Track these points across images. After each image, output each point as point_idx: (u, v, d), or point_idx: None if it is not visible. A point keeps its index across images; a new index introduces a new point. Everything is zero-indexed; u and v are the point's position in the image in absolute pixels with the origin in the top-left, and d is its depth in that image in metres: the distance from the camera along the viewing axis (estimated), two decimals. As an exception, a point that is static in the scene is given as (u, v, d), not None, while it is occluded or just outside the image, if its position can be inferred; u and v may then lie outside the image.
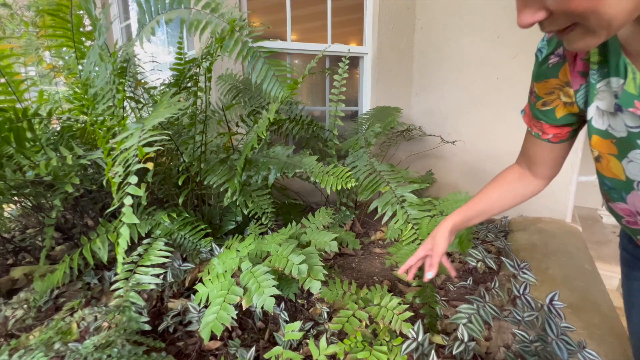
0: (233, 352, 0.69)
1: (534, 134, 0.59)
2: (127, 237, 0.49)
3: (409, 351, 0.66)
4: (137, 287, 0.79)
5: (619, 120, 0.45)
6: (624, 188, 0.50)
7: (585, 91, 0.48)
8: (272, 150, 1.09)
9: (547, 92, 0.53)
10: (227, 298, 0.57)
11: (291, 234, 0.76)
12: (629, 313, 0.70)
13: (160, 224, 1.01)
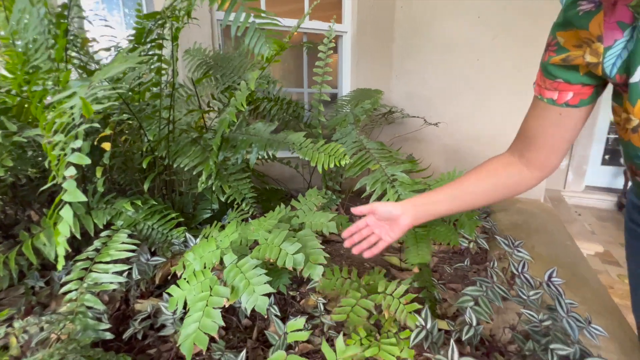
0: (217, 357, 0.59)
1: (546, 100, 0.51)
2: (70, 222, 0.37)
3: (419, 341, 0.59)
4: (94, 287, 0.65)
5: None
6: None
7: (624, 47, 0.41)
8: (252, 127, 0.97)
9: (575, 44, 0.46)
10: (209, 301, 0.46)
11: (280, 218, 0.65)
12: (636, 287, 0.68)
13: (122, 214, 0.86)
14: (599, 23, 0.42)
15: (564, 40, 0.46)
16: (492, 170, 0.57)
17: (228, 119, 0.84)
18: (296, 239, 0.52)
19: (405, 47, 2.14)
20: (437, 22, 1.98)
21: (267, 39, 0.62)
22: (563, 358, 0.59)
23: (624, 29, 0.40)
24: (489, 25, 1.83)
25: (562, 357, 0.59)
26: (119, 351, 0.62)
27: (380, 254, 1.21)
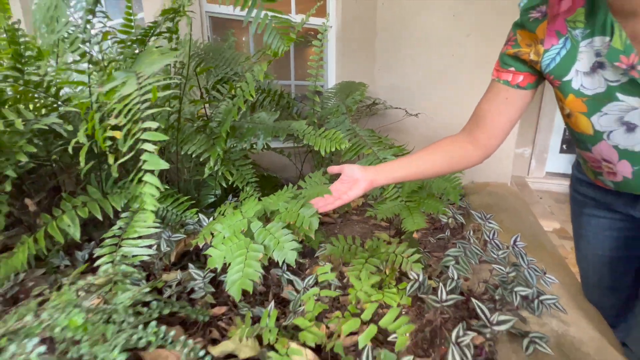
0: (244, 312, 0.69)
1: (502, 82, 0.63)
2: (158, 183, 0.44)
3: (414, 291, 0.72)
4: (126, 260, 0.72)
5: (597, 78, 0.52)
6: (589, 140, 0.60)
7: (559, 51, 0.55)
8: (256, 116, 1.05)
9: (527, 42, 0.59)
10: (248, 255, 0.55)
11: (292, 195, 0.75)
12: (578, 243, 0.85)
13: (138, 197, 0.92)
14: (543, 29, 0.55)
15: (520, 38, 0.59)
16: (443, 145, 0.69)
17: (237, 107, 0.91)
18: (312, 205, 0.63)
19: (387, 42, 2.26)
20: (416, 19, 2.12)
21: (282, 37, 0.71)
22: (524, 298, 0.74)
23: (560, 38, 0.54)
24: (463, 24, 1.99)
25: (523, 297, 0.74)
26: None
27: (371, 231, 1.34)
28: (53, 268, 0.85)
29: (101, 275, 0.68)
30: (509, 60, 0.61)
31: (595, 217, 0.76)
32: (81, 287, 0.59)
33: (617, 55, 0.48)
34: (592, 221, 0.77)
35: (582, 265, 0.86)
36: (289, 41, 0.72)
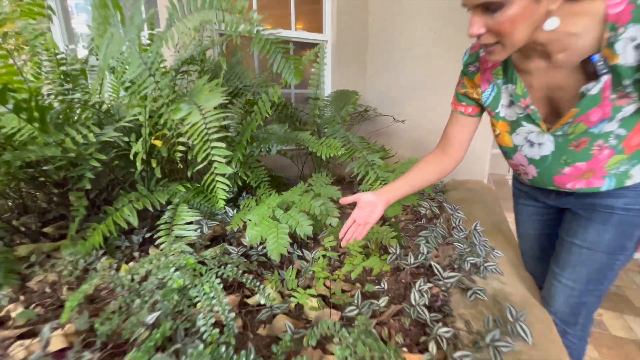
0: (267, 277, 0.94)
1: (458, 112, 0.90)
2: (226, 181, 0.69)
3: (392, 261, 0.98)
4: (179, 240, 0.97)
5: (512, 110, 0.79)
6: (511, 151, 0.86)
7: (490, 93, 0.81)
8: (269, 127, 1.30)
9: (471, 86, 0.85)
10: (278, 232, 0.80)
11: (304, 189, 1.00)
12: (517, 226, 1.13)
13: (177, 194, 1.16)
14: (479, 78, 0.82)
15: (466, 82, 0.86)
16: (426, 162, 0.94)
17: (256, 121, 1.16)
18: (321, 198, 0.88)
19: (377, 54, 2.52)
20: (402, 35, 2.38)
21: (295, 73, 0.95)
22: (473, 265, 1.01)
23: (489, 84, 0.80)
24: (443, 40, 2.25)
25: (473, 264, 1.01)
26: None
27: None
28: (115, 248, 1.09)
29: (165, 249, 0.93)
30: (461, 97, 0.88)
31: (526, 206, 1.03)
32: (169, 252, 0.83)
33: (519, 98, 0.75)
34: (524, 209, 1.04)
35: (520, 242, 1.13)
36: (298, 76, 0.97)
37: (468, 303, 0.90)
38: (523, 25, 0.58)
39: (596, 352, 1.34)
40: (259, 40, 0.87)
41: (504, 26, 0.58)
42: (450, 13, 2.19)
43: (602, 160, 0.73)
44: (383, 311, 0.83)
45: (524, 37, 0.60)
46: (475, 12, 0.59)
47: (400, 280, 0.99)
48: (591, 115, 0.67)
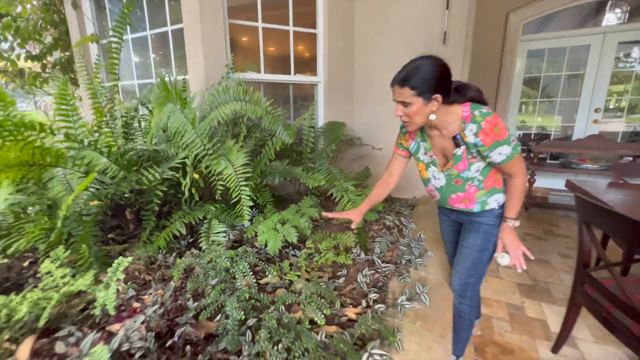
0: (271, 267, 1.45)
1: (397, 154, 1.42)
2: (248, 207, 1.21)
3: (354, 256, 1.49)
4: (215, 242, 1.49)
5: (426, 156, 1.31)
6: (426, 182, 1.38)
7: (414, 145, 1.34)
8: (273, 164, 1.83)
9: (404, 139, 1.37)
10: (277, 237, 1.32)
11: (296, 211, 1.51)
12: (442, 235, 1.63)
13: (209, 211, 1.69)
14: (408, 136, 1.35)
15: (402, 137, 1.38)
16: (379, 187, 1.47)
17: (264, 161, 1.69)
18: (305, 216, 1.40)
19: (362, 91, 3.06)
20: (381, 75, 2.92)
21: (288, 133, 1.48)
22: (408, 261, 1.52)
23: (413, 140, 1.33)
24: (413, 83, 2.78)
25: (408, 260, 1.52)
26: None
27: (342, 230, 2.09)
28: (170, 248, 1.61)
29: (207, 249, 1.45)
30: (399, 145, 1.40)
31: (443, 220, 1.54)
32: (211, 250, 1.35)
33: (427, 151, 1.27)
34: (443, 222, 1.54)
35: (444, 244, 1.64)
36: (292, 137, 1.49)
37: (399, 284, 1.40)
38: (419, 115, 1.11)
39: (510, 326, 1.83)
40: (269, 118, 1.41)
41: (410, 114, 1.11)
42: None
43: (472, 193, 1.24)
44: (343, 287, 1.34)
45: (421, 121, 1.13)
46: (398, 104, 1.12)
47: (357, 269, 1.50)
48: (459, 165, 1.19)
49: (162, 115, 1.52)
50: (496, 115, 1.09)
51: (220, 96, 1.43)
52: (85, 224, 1.32)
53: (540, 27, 4.03)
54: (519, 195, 1.19)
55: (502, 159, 1.12)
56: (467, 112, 1.11)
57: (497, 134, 1.08)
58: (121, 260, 1.04)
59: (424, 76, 1.06)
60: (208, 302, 1.03)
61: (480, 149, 1.12)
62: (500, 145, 1.09)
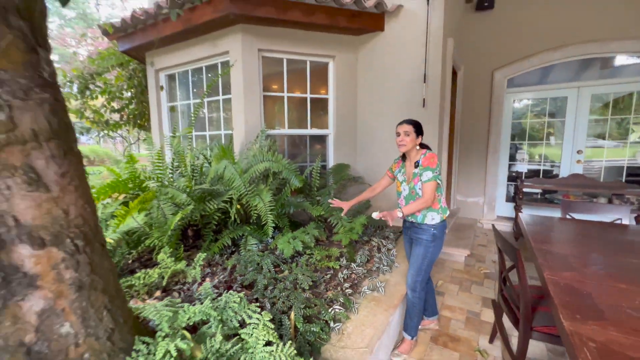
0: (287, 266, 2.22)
1: (386, 175, 2.19)
2: (272, 226, 2.00)
3: (340, 264, 2.22)
4: (250, 250, 2.28)
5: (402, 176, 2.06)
6: (399, 194, 2.13)
7: (398, 171, 2.10)
8: (290, 198, 2.64)
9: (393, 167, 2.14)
10: (289, 247, 2.09)
11: (303, 231, 2.29)
12: (405, 251, 2.33)
13: (246, 230, 2.51)
14: (395, 165, 2.12)
15: (392, 165, 2.16)
16: (371, 190, 2.21)
17: (284, 197, 2.51)
18: (309, 235, 2.17)
19: (363, 141, 3.87)
20: (376, 131, 3.73)
21: (298, 180, 2.29)
22: (377, 269, 2.21)
23: (397, 168, 2.11)
24: (403, 135, 3.55)
25: (377, 268, 2.21)
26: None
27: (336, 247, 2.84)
28: (220, 254, 2.43)
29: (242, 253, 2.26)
30: (390, 170, 2.17)
31: (404, 239, 2.23)
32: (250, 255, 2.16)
33: (403, 174, 2.03)
34: (404, 240, 2.24)
35: (407, 258, 2.31)
36: (301, 182, 2.29)
37: (368, 282, 2.10)
38: (411, 142, 1.90)
39: (464, 325, 2.40)
40: (286, 171, 2.24)
41: (407, 140, 1.89)
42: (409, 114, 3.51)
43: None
44: (328, 280, 2.06)
45: (411, 145, 1.91)
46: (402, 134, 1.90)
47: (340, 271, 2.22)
48: (415, 180, 1.93)
49: (219, 167, 2.42)
50: (434, 155, 1.86)
51: (257, 157, 2.30)
52: (176, 235, 2.18)
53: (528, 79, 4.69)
54: (415, 206, 1.87)
55: (425, 179, 1.85)
56: (423, 151, 1.88)
57: (430, 163, 1.84)
58: (200, 255, 1.86)
59: (417, 124, 1.91)
60: (247, 278, 1.82)
61: (420, 168, 1.86)
62: (427, 170, 1.84)
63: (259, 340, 1.11)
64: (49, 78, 0.85)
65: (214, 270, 2.08)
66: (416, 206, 1.86)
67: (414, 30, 3.35)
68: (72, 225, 0.87)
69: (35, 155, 0.79)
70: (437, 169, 1.86)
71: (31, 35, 0.80)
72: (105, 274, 0.99)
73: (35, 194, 0.79)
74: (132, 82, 5.10)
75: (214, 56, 3.46)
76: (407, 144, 1.91)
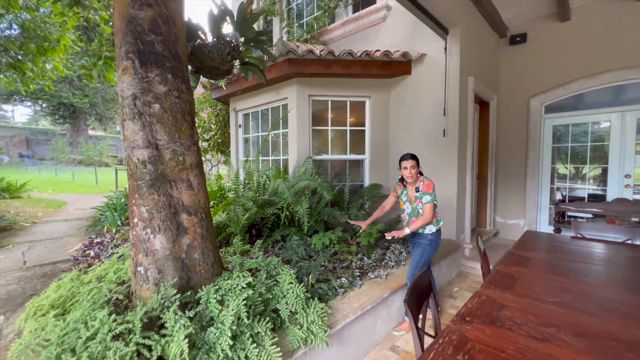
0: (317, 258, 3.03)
1: (392, 195, 2.89)
2: (309, 231, 2.84)
3: (358, 257, 2.94)
4: (293, 243, 3.16)
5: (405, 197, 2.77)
6: (402, 211, 2.82)
7: (402, 192, 2.81)
8: (326, 208, 3.48)
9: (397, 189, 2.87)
10: (320, 242, 2.90)
11: (332, 232, 3.07)
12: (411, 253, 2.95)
13: (292, 230, 3.42)
14: (398, 187, 2.85)
15: (396, 187, 2.90)
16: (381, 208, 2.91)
17: (321, 206, 3.36)
18: (335, 235, 2.96)
19: (393, 165, 4.54)
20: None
21: (329, 192, 3.12)
22: (386, 264, 2.86)
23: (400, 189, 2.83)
24: (426, 157, 4.12)
25: (385, 263, 2.86)
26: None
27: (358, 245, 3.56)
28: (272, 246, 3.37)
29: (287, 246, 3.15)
30: (394, 190, 2.88)
31: (410, 244, 2.85)
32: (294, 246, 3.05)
33: (406, 195, 2.73)
34: (410, 245, 2.86)
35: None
36: (330, 194, 3.09)
37: (375, 272, 2.76)
38: (415, 173, 2.61)
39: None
40: (320, 187, 3.10)
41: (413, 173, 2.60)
42: (429, 145, 4.10)
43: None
44: (345, 268, 2.79)
45: (415, 177, 2.61)
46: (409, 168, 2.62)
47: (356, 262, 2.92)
48: (416, 202, 2.60)
49: (275, 183, 3.40)
50: (431, 182, 2.52)
51: (302, 177, 3.21)
52: (244, 229, 3.19)
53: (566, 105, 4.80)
54: (419, 224, 2.48)
55: (425, 201, 2.49)
56: (422, 178, 2.57)
57: (428, 189, 2.49)
58: (259, 241, 2.81)
59: (416, 158, 2.59)
60: (286, 256, 2.68)
61: (420, 192, 2.52)
62: (426, 194, 2.49)
63: (285, 281, 1.94)
64: (195, 138, 1.88)
65: (267, 254, 3.00)
66: (419, 224, 2.50)
67: (435, 73, 4.00)
68: (201, 206, 1.86)
69: (190, 174, 1.81)
70: (434, 193, 2.50)
71: (191, 121, 1.84)
72: (211, 233, 1.95)
73: (190, 192, 1.80)
74: (218, 119, 6.67)
75: (277, 101, 4.61)
76: (412, 175, 2.56)
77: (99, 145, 24.95)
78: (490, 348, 1.16)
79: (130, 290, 1.81)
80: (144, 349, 1.32)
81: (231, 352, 1.40)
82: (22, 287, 2.85)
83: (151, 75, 1.68)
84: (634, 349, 1.15)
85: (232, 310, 1.50)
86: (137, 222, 1.73)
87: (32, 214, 6.04)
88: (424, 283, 1.60)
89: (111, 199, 5.24)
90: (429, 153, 4.10)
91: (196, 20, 2.18)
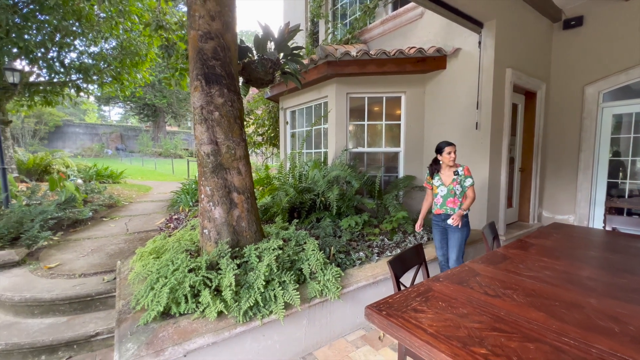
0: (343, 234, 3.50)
1: (426, 187, 3.23)
2: (335, 209, 3.33)
3: (381, 239, 3.33)
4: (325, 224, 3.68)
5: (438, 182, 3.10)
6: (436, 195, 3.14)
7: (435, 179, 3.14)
8: (356, 196, 3.90)
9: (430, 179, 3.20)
10: (347, 223, 3.35)
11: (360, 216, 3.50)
12: (434, 240, 3.25)
13: (325, 214, 3.93)
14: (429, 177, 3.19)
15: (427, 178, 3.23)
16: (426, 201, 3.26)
17: (352, 192, 3.81)
18: (362, 218, 3.39)
19: (427, 157, 4.71)
20: (441, 147, 4.51)
21: (357, 181, 3.53)
22: (404, 246, 3.20)
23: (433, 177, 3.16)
24: (463, 146, 4.23)
25: (404, 245, 3.20)
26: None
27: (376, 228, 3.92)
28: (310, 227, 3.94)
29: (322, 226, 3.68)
30: (428, 182, 3.21)
31: (435, 230, 3.14)
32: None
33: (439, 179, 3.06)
34: (435, 231, 3.14)
35: (434, 243, 3.18)
36: (359, 184, 3.50)
37: (397, 251, 3.12)
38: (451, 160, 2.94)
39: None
40: (350, 177, 3.54)
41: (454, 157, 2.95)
42: (462, 137, 4.20)
43: (457, 201, 2.91)
44: (370, 245, 3.21)
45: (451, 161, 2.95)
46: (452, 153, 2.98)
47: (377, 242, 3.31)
48: (454, 184, 2.92)
49: (313, 173, 3.93)
50: (468, 167, 2.81)
51: (334, 168, 3.67)
52: (286, 210, 3.80)
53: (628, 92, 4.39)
54: (468, 203, 2.76)
55: (468, 184, 2.80)
56: (461, 167, 2.89)
57: (468, 172, 2.81)
58: (295, 220, 3.38)
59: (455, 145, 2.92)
60: (316, 233, 3.21)
61: (461, 176, 2.83)
62: (468, 177, 2.80)
63: (309, 248, 2.46)
64: (243, 136, 2.49)
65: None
66: (468, 203, 2.81)
67: (470, 67, 4.08)
68: (247, 187, 2.47)
69: (240, 163, 2.42)
70: (471, 176, 2.82)
71: (240, 123, 2.45)
72: (255, 209, 2.56)
73: (239, 177, 2.42)
74: (270, 115, 7.45)
75: (318, 99, 5.11)
76: (455, 159, 2.87)
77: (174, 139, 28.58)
78: (445, 296, 1.52)
79: (198, 246, 2.52)
80: (207, 280, 1.97)
81: (264, 289, 1.97)
82: (127, 245, 3.90)
83: (213, 90, 2.32)
84: (570, 308, 1.40)
85: (266, 263, 2.08)
86: (203, 197, 2.41)
87: (129, 196, 7.58)
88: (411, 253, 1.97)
89: (185, 185, 6.38)
90: (461, 145, 4.21)
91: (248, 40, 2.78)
